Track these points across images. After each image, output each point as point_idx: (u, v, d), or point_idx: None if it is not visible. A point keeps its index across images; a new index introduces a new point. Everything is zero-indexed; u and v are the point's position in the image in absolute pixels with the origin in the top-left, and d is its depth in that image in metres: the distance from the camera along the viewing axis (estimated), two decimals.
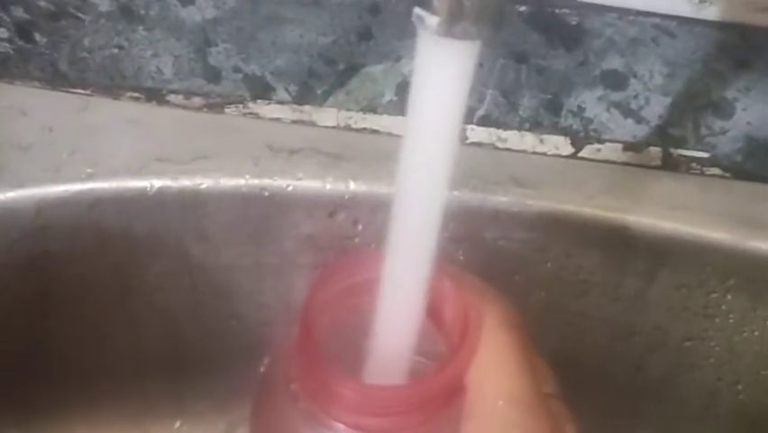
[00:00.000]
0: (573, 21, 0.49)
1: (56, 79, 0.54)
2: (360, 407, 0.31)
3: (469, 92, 0.28)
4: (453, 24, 0.25)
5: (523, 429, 0.31)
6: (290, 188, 0.50)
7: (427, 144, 0.29)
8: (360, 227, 0.51)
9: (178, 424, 0.59)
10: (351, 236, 0.51)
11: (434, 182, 0.30)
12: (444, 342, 0.34)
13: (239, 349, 0.56)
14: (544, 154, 0.54)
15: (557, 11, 0.49)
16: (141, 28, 0.51)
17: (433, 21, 0.25)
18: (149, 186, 0.49)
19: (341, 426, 0.31)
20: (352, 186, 0.50)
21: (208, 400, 0.59)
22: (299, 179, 0.50)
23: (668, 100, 0.51)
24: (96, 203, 0.49)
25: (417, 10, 0.26)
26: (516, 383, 0.31)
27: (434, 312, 0.34)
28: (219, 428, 0.60)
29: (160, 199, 0.49)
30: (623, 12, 0.48)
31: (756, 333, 0.53)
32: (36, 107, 0.53)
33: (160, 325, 0.54)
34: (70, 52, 0.53)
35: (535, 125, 0.53)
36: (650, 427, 0.60)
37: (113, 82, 0.54)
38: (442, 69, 0.28)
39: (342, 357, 0.31)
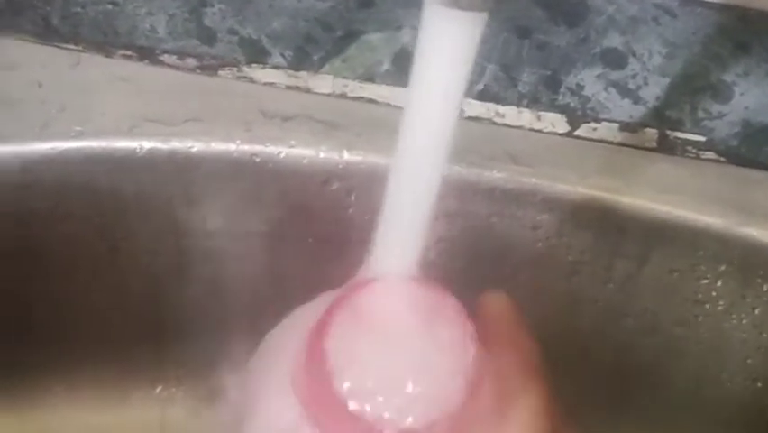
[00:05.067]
0: None
1: (47, 34, 0.53)
2: None
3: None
4: None
5: None
6: (282, 155, 0.49)
7: (428, 115, 0.30)
8: (353, 198, 0.50)
9: (159, 389, 0.59)
10: (344, 207, 0.51)
11: (433, 153, 0.31)
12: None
13: (222, 316, 0.55)
14: (541, 131, 0.53)
15: None
16: None
17: None
18: (138, 147, 0.49)
19: None
20: (347, 155, 0.49)
21: (190, 367, 0.58)
22: (292, 147, 0.49)
23: (666, 81, 0.51)
24: (85, 162, 0.48)
25: None
26: None
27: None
28: (200, 395, 0.59)
29: (150, 161, 0.49)
30: None
31: (745, 321, 0.53)
32: (26, 62, 0.52)
33: (145, 288, 0.53)
34: (63, 7, 0.52)
35: (533, 102, 0.52)
36: (635, 411, 0.59)
37: (105, 39, 0.53)
38: (446, 40, 0.28)
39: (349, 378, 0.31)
